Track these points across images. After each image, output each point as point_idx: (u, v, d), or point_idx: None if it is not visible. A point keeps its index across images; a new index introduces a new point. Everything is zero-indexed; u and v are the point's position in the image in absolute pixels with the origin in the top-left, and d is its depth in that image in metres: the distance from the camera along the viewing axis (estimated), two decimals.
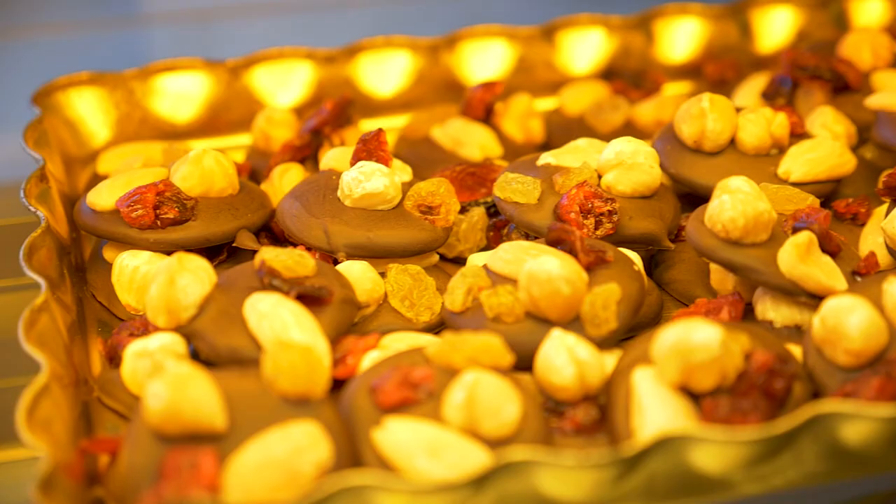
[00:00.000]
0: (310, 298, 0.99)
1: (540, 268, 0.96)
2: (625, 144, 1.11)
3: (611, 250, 1.01)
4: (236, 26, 1.76)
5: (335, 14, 1.80)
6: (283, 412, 0.88)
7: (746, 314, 1.03)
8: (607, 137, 1.28)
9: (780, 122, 1.15)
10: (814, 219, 1.01)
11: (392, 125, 1.37)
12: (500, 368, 0.92)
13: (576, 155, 1.14)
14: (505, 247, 1.02)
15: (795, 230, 1.01)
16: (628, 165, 1.10)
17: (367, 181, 1.09)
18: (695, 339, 0.88)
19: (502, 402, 0.88)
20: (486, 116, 1.31)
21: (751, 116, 1.15)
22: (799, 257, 0.98)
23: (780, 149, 1.15)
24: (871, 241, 1.10)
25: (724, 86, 1.40)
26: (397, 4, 1.80)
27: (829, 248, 1.01)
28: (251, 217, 1.13)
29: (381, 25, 1.60)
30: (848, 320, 0.91)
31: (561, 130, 1.34)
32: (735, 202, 0.99)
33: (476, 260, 1.09)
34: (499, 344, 0.92)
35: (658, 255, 1.15)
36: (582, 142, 1.16)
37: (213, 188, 1.13)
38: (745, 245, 1.00)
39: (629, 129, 1.32)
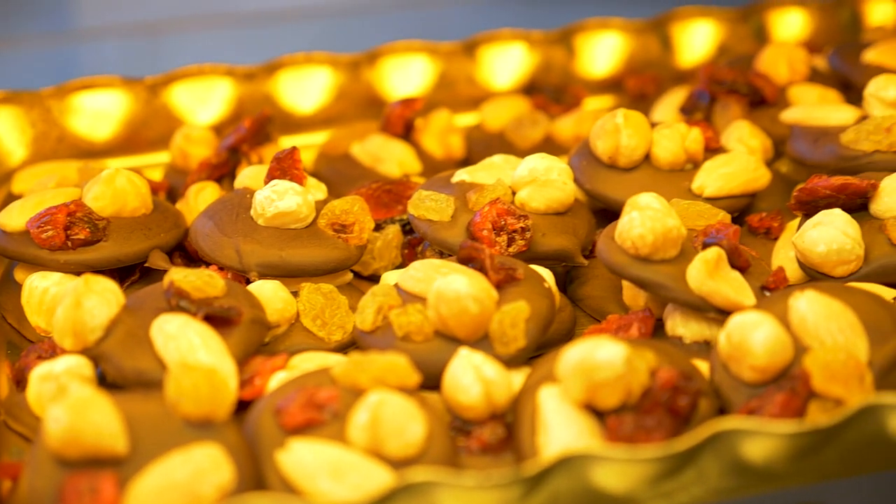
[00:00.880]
0: (218, 319, 0.98)
1: (448, 286, 0.96)
2: (538, 161, 1.11)
3: (521, 268, 1.01)
4: (182, 40, 1.75)
5: (289, 26, 1.80)
6: (186, 435, 0.87)
7: (657, 330, 1.03)
8: (527, 153, 1.28)
9: (694, 138, 1.15)
10: (723, 234, 1.02)
11: (313, 142, 1.36)
12: (407, 388, 0.92)
13: (490, 172, 1.14)
14: (416, 265, 1.02)
15: (705, 246, 1.02)
16: (542, 182, 1.10)
17: (279, 200, 1.08)
18: (598, 357, 0.88)
19: (406, 423, 0.88)
20: (406, 133, 1.31)
21: (665, 132, 1.15)
22: (707, 273, 0.99)
23: (695, 163, 1.16)
24: (783, 255, 1.10)
25: (644, 100, 1.40)
26: (350, 15, 1.80)
27: (738, 263, 1.01)
28: (164, 237, 1.13)
29: (327, 37, 1.61)
30: (752, 336, 0.91)
31: (481, 146, 1.34)
32: (644, 219, 0.99)
33: (389, 278, 1.09)
34: (405, 363, 0.92)
35: (573, 270, 1.15)
36: (497, 158, 1.16)
37: (125, 208, 1.12)
38: (655, 261, 1.00)
39: (549, 144, 1.33)
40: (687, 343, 1.01)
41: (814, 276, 1.06)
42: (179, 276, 0.99)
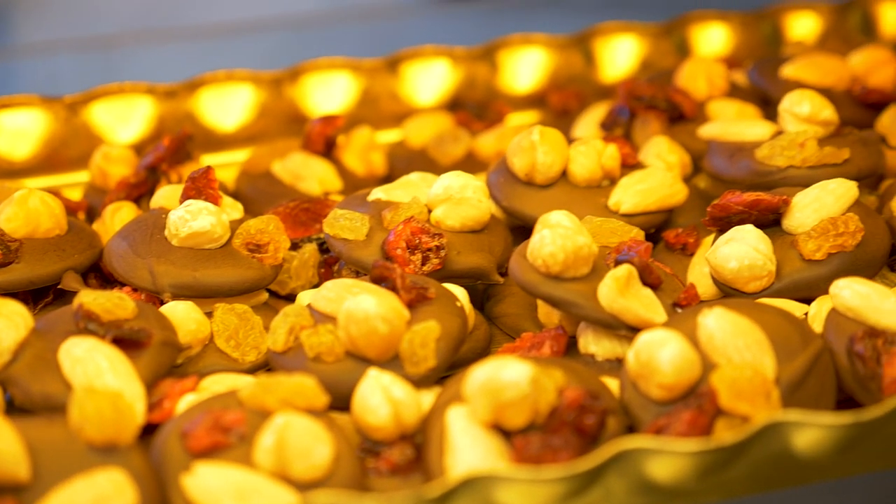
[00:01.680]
0: (127, 341, 0.97)
1: (357, 307, 0.95)
2: (453, 179, 1.11)
3: (433, 287, 1.01)
4: (133, 54, 1.75)
5: (245, 38, 1.79)
6: (90, 460, 0.86)
7: (570, 348, 1.03)
8: (449, 169, 1.28)
9: (610, 154, 1.15)
10: (634, 252, 1.02)
11: (235, 159, 1.36)
12: (315, 410, 0.91)
13: (407, 190, 1.14)
14: (328, 285, 1.02)
15: (617, 263, 1.02)
16: (457, 200, 1.10)
17: (193, 220, 1.08)
18: (504, 377, 0.88)
19: (312, 445, 0.87)
20: (328, 150, 1.30)
21: (581, 149, 1.15)
22: (618, 291, 0.99)
23: (612, 180, 1.16)
24: (698, 271, 1.11)
25: (567, 115, 1.41)
26: (304, 27, 1.80)
27: (650, 280, 1.02)
28: (78, 258, 1.12)
29: (283, 49, 1.61)
30: (660, 354, 0.91)
31: (404, 163, 1.34)
32: (555, 237, 0.99)
33: (304, 298, 1.08)
34: (313, 385, 0.92)
35: (489, 288, 1.15)
36: (414, 176, 1.16)
37: (38, 229, 1.11)
38: (566, 279, 1.00)
39: (471, 160, 1.33)
40: (599, 361, 1.01)
41: (727, 292, 1.07)
42: (89, 298, 0.99)
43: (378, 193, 1.13)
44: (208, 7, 1.99)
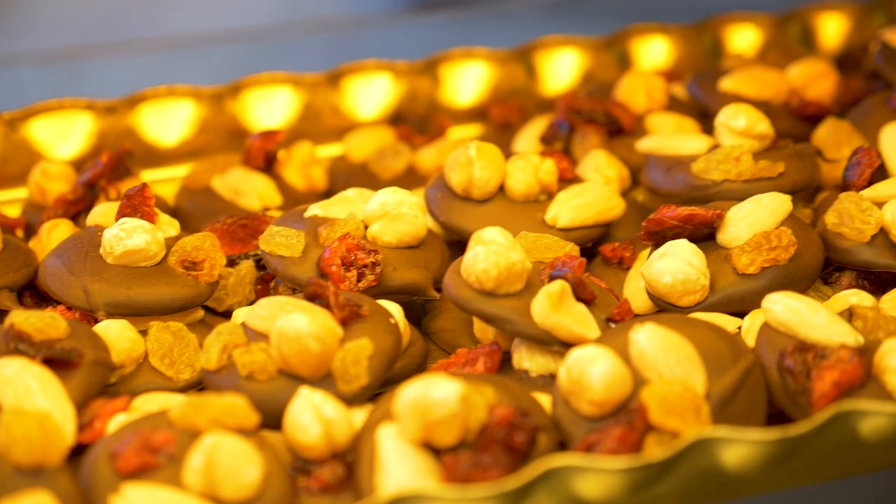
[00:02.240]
0: (59, 361, 0.97)
1: (289, 325, 0.95)
2: (389, 195, 1.11)
3: (367, 304, 1.01)
4: (104, 66, 1.75)
5: (214, 50, 1.79)
6: (16, 482, 0.86)
7: (505, 363, 1.03)
8: (390, 184, 1.28)
9: (547, 169, 1.16)
10: (568, 267, 1.02)
11: (176, 175, 1.35)
12: (246, 429, 0.91)
13: (344, 206, 1.14)
14: (262, 302, 1.01)
15: (551, 279, 1.02)
16: (393, 216, 1.10)
17: (127, 238, 1.07)
18: (433, 395, 0.88)
19: (242, 465, 0.87)
20: (268, 165, 1.30)
21: (518, 163, 1.15)
22: (551, 307, 0.99)
23: (550, 194, 1.16)
24: (634, 285, 1.11)
25: (508, 129, 1.41)
26: (264, 40, 1.81)
27: (584, 296, 1.02)
28: (13, 276, 1.11)
29: (244, 62, 1.61)
30: (590, 371, 0.91)
31: (345, 177, 1.33)
32: (488, 253, 1.00)
33: (239, 316, 1.08)
34: (243, 404, 0.91)
35: (427, 304, 1.15)
36: (351, 192, 1.16)
37: None
38: (500, 296, 1.00)
39: (412, 174, 1.33)
40: (533, 376, 1.02)
41: (662, 306, 1.07)
42: (20, 318, 0.98)
43: (315, 210, 1.13)
44: (170, 19, 1.99)
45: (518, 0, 1.89)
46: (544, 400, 0.97)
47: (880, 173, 1.13)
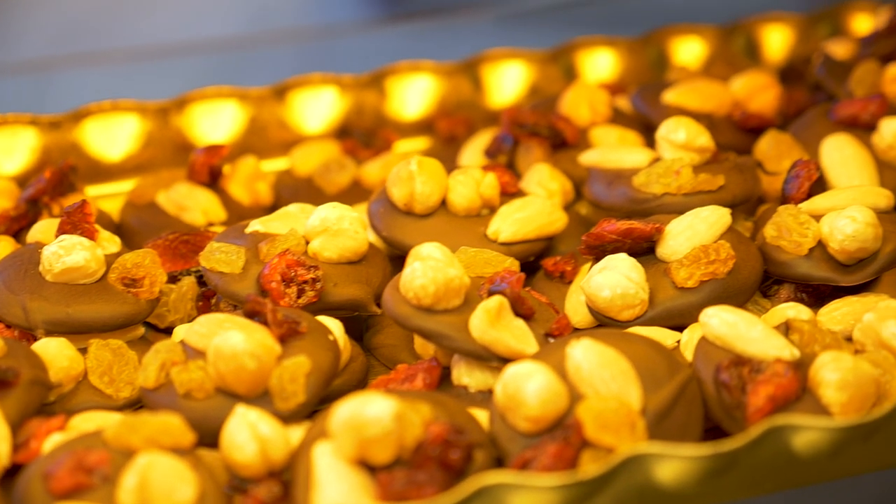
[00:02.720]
0: None
1: (225, 343, 0.95)
2: (330, 210, 1.11)
3: (306, 321, 1.01)
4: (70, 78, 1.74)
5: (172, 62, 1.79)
6: None
7: (444, 379, 1.04)
8: (335, 198, 1.28)
9: (489, 183, 1.16)
10: (507, 282, 1.02)
11: (121, 190, 1.35)
12: (181, 448, 0.91)
13: (285, 221, 1.13)
14: (201, 320, 1.01)
15: (490, 294, 1.02)
16: (333, 231, 1.10)
17: (66, 255, 1.07)
18: (367, 413, 0.88)
19: (176, 484, 0.87)
20: (213, 180, 1.30)
21: (460, 178, 1.16)
22: (489, 322, 0.99)
23: (492, 209, 1.16)
24: (575, 299, 1.11)
25: (454, 142, 1.41)
26: (229, 52, 1.80)
27: (522, 311, 1.02)
28: None
29: (206, 75, 1.61)
30: (526, 387, 0.92)
31: (290, 192, 1.33)
32: (426, 269, 1.00)
33: (179, 333, 1.08)
34: (178, 423, 0.91)
35: (369, 319, 1.15)
36: (293, 207, 1.16)
37: None
38: (438, 311, 1.00)
39: (357, 188, 1.33)
40: (472, 392, 1.02)
41: (602, 320, 1.07)
42: None
43: (256, 225, 1.13)
44: (138, 29, 1.99)
45: (484, 10, 1.90)
46: (483, 416, 0.97)
47: (819, 186, 1.14)
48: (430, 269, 1.00)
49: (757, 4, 1.61)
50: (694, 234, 1.08)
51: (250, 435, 0.91)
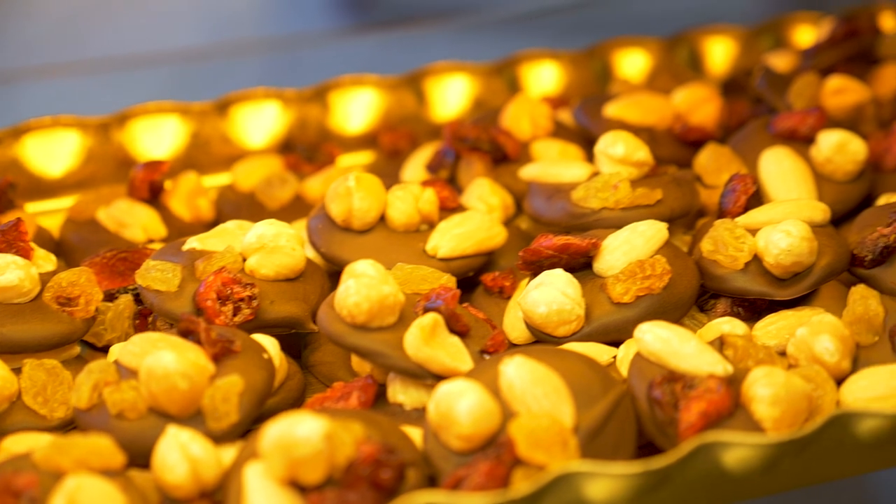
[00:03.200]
0: None
1: (157, 363, 0.94)
2: (266, 227, 1.10)
3: (240, 339, 1.00)
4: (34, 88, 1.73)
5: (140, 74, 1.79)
6: None
7: (380, 397, 1.03)
8: (276, 214, 1.29)
9: (427, 198, 1.16)
10: (442, 299, 1.02)
11: (62, 206, 1.34)
12: (112, 469, 0.90)
13: (223, 238, 1.13)
14: (135, 339, 1.01)
15: (425, 311, 1.02)
16: (270, 248, 1.10)
17: (0, 275, 1.06)
18: (297, 433, 0.87)
19: None
20: (154, 196, 1.29)
21: (399, 193, 1.15)
22: (423, 340, 0.99)
23: (431, 224, 1.16)
24: (513, 314, 1.11)
25: (398, 156, 1.41)
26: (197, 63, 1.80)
27: (457, 328, 1.02)
28: None
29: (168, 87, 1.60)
30: (457, 405, 0.91)
31: (232, 207, 1.33)
32: (359, 287, 1.00)
33: (114, 352, 1.07)
34: (109, 444, 0.91)
35: (307, 336, 1.14)
36: (230, 224, 1.15)
37: None
38: (372, 329, 1.00)
39: (299, 203, 1.32)
40: (407, 410, 1.02)
41: (539, 336, 1.07)
42: None
43: (193, 243, 1.12)
44: (106, 40, 1.99)
45: (450, 20, 1.91)
46: (417, 434, 0.96)
47: (756, 199, 1.14)
48: (363, 286, 0.99)
49: (703, 17, 1.61)
50: (631, 248, 1.08)
51: (181, 456, 0.91)
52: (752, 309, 1.10)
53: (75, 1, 2.17)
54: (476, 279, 1.17)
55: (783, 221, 1.08)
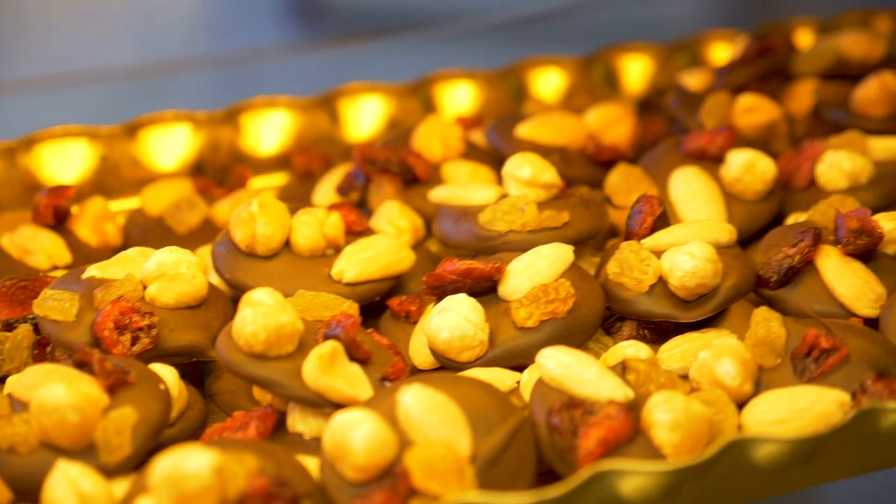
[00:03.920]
0: None
1: (47, 396, 0.93)
2: (166, 255, 1.09)
3: (135, 370, 0.99)
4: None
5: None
6: None
7: (280, 426, 1.02)
8: (185, 238, 1.27)
9: (333, 223, 1.14)
10: (341, 326, 1.01)
11: None
12: None
13: (123, 266, 1.11)
14: (28, 371, 0.99)
15: (326, 339, 1.01)
16: (170, 276, 1.08)
17: None
18: (186, 467, 0.86)
19: None
20: (59, 222, 1.27)
21: (303, 218, 1.14)
22: (321, 368, 0.98)
23: (337, 248, 1.15)
24: (418, 340, 1.10)
25: (310, 178, 1.39)
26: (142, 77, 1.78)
27: (357, 355, 1.01)
28: None
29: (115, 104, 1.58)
30: (352, 435, 0.90)
31: (140, 233, 1.31)
32: (256, 315, 0.98)
33: (10, 384, 1.05)
34: None
35: (210, 364, 1.13)
36: (132, 251, 1.13)
37: None
38: (271, 358, 0.99)
39: (209, 227, 1.30)
40: (307, 439, 1.00)
41: (443, 362, 1.06)
42: None
43: (92, 271, 1.11)
44: (48, 56, 1.97)
45: (403, 34, 1.91)
46: (314, 464, 0.95)
47: (662, 221, 1.13)
48: (260, 315, 0.98)
49: (620, 35, 1.61)
50: (535, 272, 1.07)
51: (70, 491, 0.89)
52: (659, 331, 1.10)
53: (27, 15, 2.16)
54: (384, 303, 1.16)
55: (688, 243, 1.08)
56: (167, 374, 1.02)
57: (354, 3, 2.32)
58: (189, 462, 0.86)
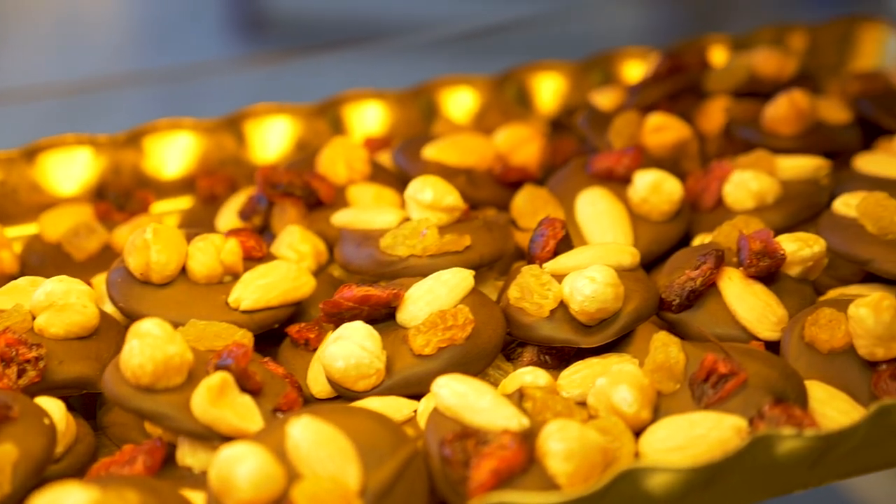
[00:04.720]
0: None
1: None
2: (56, 284, 1.06)
3: (18, 405, 0.96)
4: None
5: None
6: None
7: (170, 460, 0.99)
8: (84, 265, 1.24)
9: (230, 249, 1.12)
10: (232, 357, 0.98)
11: None
12: None
13: (12, 296, 1.08)
14: None
15: (216, 369, 0.98)
16: (60, 306, 1.05)
17: None
18: None
19: None
20: None
21: (200, 244, 1.12)
22: (210, 400, 0.95)
23: (235, 275, 1.12)
24: (316, 368, 1.08)
25: (215, 201, 1.36)
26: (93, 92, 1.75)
27: (249, 386, 0.98)
28: None
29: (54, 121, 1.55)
30: (237, 470, 0.88)
31: (38, 259, 1.28)
32: (143, 347, 0.96)
33: None
34: None
35: (102, 395, 1.10)
36: (22, 281, 1.11)
37: None
38: (159, 391, 0.96)
39: (109, 254, 1.27)
40: (196, 473, 0.98)
41: (340, 391, 1.04)
42: None
43: None
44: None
45: (346, 47, 1.89)
46: (202, 499, 0.93)
47: (565, 244, 1.12)
48: (147, 346, 0.95)
49: (531, 53, 1.59)
50: (434, 298, 1.05)
51: None
52: (560, 357, 1.08)
53: None
54: (283, 331, 1.13)
55: (589, 267, 1.06)
56: (54, 407, 0.99)
57: (299, 17, 2.30)
58: (66, 500, 0.83)
